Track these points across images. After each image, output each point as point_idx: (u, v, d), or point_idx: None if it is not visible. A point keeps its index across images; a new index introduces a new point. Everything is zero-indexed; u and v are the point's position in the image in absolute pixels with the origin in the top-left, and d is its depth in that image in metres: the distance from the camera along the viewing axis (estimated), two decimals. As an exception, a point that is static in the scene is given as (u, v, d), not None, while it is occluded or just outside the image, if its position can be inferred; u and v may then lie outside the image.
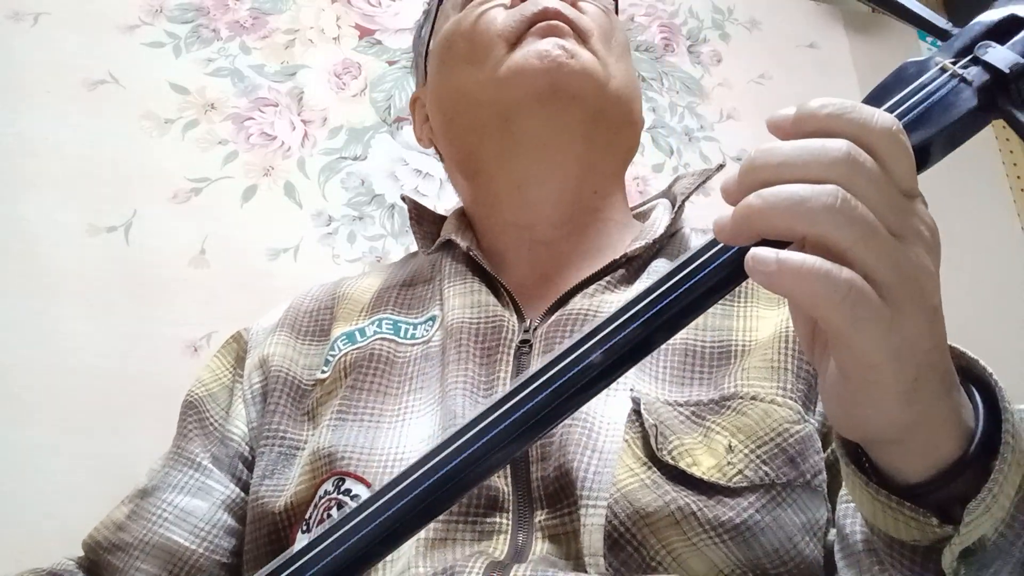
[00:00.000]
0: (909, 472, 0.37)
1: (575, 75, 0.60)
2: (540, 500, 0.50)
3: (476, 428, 0.35)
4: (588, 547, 0.47)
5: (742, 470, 0.49)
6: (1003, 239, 1.59)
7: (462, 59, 0.65)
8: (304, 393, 0.62)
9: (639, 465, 0.49)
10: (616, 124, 0.65)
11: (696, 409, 0.52)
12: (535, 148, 0.63)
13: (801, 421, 0.51)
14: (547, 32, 0.61)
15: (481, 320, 0.59)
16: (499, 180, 0.66)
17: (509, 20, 0.63)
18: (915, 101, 0.36)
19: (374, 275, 0.72)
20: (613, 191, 0.68)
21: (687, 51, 1.53)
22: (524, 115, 0.62)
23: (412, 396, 0.58)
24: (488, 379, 0.56)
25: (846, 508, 0.49)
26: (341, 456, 0.54)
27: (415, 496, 0.35)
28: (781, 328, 0.56)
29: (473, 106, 0.64)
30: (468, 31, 0.64)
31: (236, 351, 0.69)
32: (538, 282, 0.63)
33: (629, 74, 0.67)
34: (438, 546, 0.49)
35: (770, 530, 0.47)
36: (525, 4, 0.63)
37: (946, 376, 0.35)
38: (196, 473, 0.62)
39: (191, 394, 0.67)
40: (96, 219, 1.05)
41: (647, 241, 0.62)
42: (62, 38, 1.12)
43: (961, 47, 0.38)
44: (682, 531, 0.47)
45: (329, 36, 1.29)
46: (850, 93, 1.61)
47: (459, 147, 0.68)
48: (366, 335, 0.63)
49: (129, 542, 0.59)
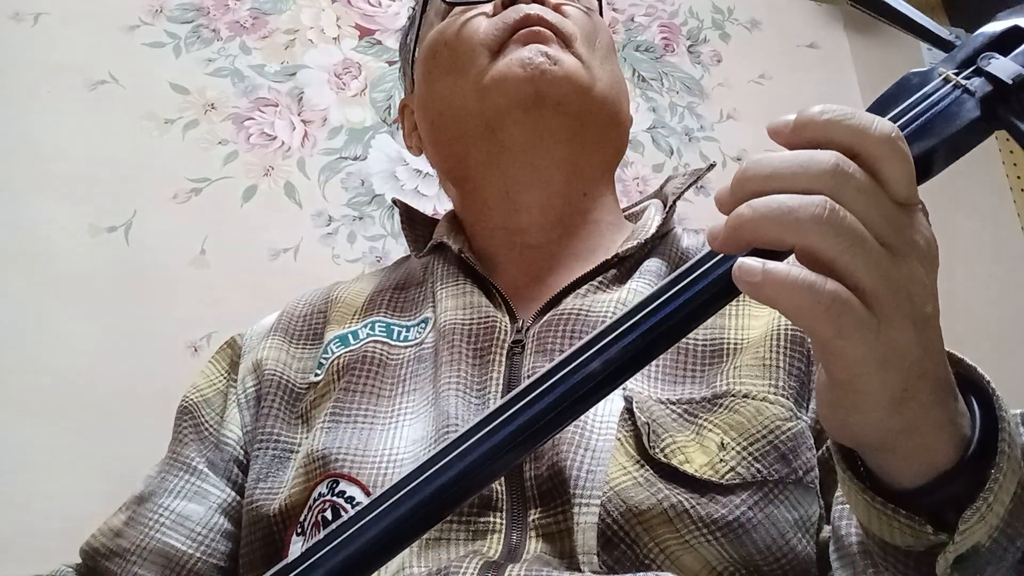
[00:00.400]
0: (902, 478, 0.37)
1: (558, 81, 0.60)
2: (533, 499, 0.50)
3: (476, 436, 0.35)
4: (581, 545, 0.47)
5: (734, 467, 0.49)
6: (1004, 240, 1.59)
7: (446, 69, 0.65)
8: (298, 396, 0.63)
9: (632, 463, 0.50)
10: (602, 126, 0.65)
11: (688, 407, 0.53)
12: (521, 155, 0.63)
13: (793, 418, 0.52)
14: (529, 39, 0.61)
15: (474, 321, 0.59)
16: (487, 187, 0.66)
17: (491, 28, 0.63)
18: (918, 111, 0.37)
19: (367, 279, 0.72)
20: (602, 192, 0.68)
21: (687, 51, 1.53)
22: (509, 123, 0.62)
23: (405, 398, 0.58)
24: (481, 380, 0.56)
25: (841, 509, 0.49)
26: (335, 458, 0.54)
27: (414, 504, 0.35)
28: (773, 326, 0.56)
29: (458, 115, 0.64)
30: (451, 40, 0.64)
31: (230, 356, 0.70)
32: (530, 283, 0.64)
33: (615, 75, 0.67)
34: (432, 546, 0.49)
35: (763, 527, 0.48)
36: (507, 12, 0.63)
37: (940, 384, 0.35)
38: (192, 478, 0.62)
39: (186, 399, 0.67)
40: (96, 219, 1.05)
41: (639, 241, 0.62)
42: (62, 38, 1.12)
43: (964, 58, 0.38)
44: (675, 528, 0.47)
45: (329, 36, 1.29)
46: (850, 93, 1.61)
47: (446, 155, 0.69)
48: (359, 338, 0.63)
49: (127, 548, 0.59)
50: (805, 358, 0.55)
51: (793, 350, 0.55)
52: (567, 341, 0.56)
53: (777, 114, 0.35)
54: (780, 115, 0.35)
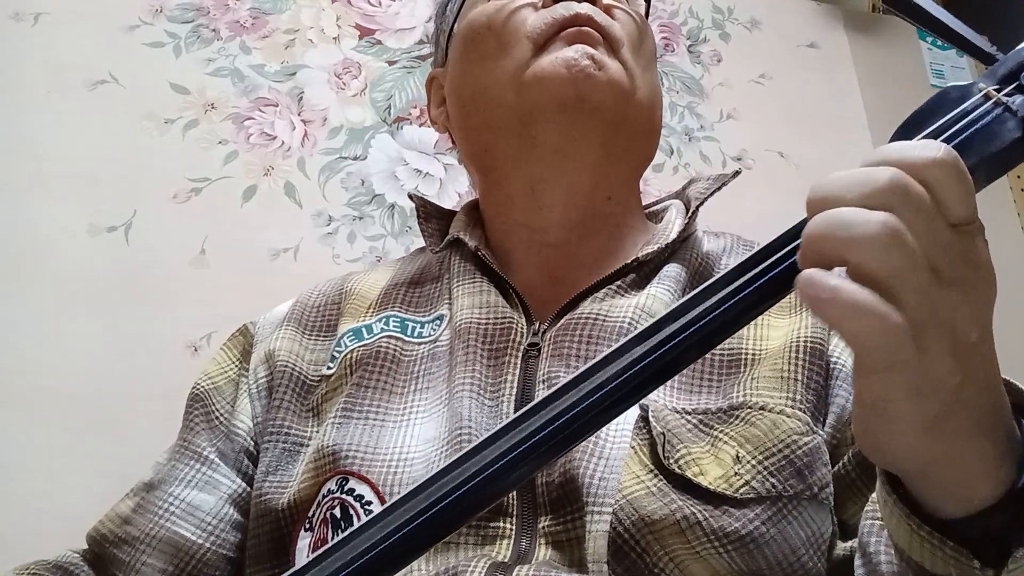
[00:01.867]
0: (942, 507, 0.36)
1: (601, 87, 0.59)
2: (544, 506, 0.50)
3: (494, 445, 0.35)
4: (592, 553, 0.47)
5: (749, 481, 0.48)
6: (1004, 239, 1.59)
7: (487, 55, 0.63)
8: (309, 389, 0.62)
9: (645, 472, 0.49)
10: (636, 133, 0.64)
11: (704, 418, 0.52)
12: (551, 154, 0.62)
13: (810, 432, 0.51)
14: (576, 39, 0.60)
15: (490, 321, 0.59)
16: (512, 180, 0.65)
17: (539, 22, 0.61)
18: (957, 128, 0.35)
19: (382, 270, 0.71)
20: (627, 197, 0.67)
21: (687, 51, 1.53)
22: (544, 121, 0.60)
23: (418, 396, 0.58)
24: (495, 382, 0.56)
25: (871, 526, 0.48)
26: (345, 455, 0.54)
27: (428, 514, 0.34)
28: (793, 337, 0.55)
29: (493, 104, 0.63)
30: (497, 27, 0.63)
31: (242, 344, 0.69)
32: (547, 283, 0.63)
33: (654, 83, 0.66)
34: (441, 550, 0.49)
35: (775, 543, 0.47)
36: (557, 7, 0.61)
37: (985, 413, 0.34)
38: (202, 467, 0.62)
39: (197, 387, 0.66)
40: (96, 219, 1.05)
41: (659, 246, 0.61)
42: (62, 38, 1.13)
43: (1006, 73, 0.37)
44: (686, 539, 0.47)
45: (329, 36, 1.29)
46: (850, 93, 1.61)
47: (474, 140, 0.67)
48: (373, 332, 0.62)
49: (136, 536, 0.59)
50: (824, 371, 0.54)
51: (812, 363, 0.54)
52: (584, 346, 0.55)
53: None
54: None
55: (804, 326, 0.56)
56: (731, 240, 0.67)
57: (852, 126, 1.57)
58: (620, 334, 0.56)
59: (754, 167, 1.43)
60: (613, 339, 0.55)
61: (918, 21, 0.42)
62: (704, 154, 1.44)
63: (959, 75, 1.76)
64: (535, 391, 0.55)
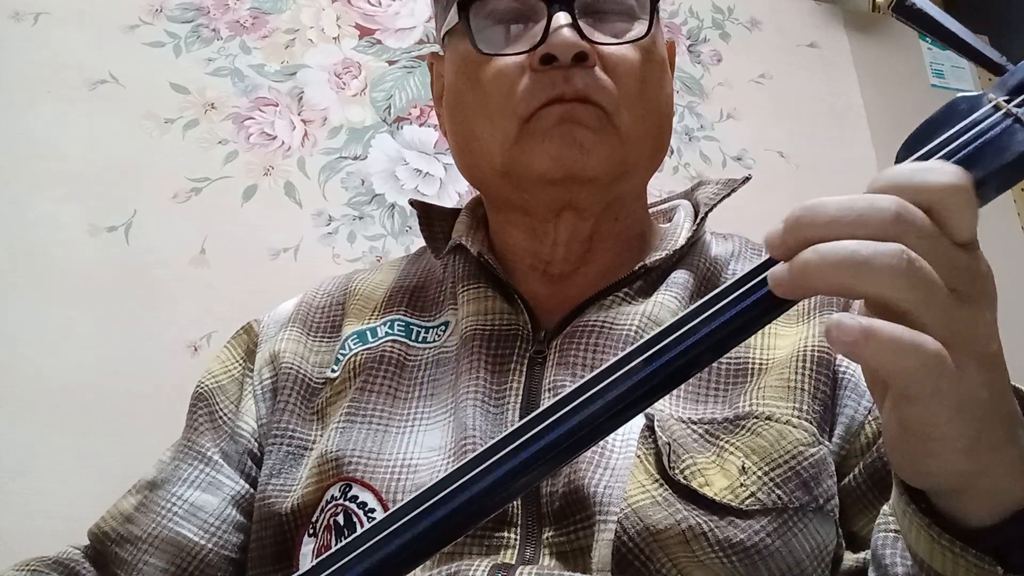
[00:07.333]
0: (972, 517, 0.36)
1: (591, 167, 0.56)
2: (548, 516, 0.50)
3: (498, 454, 0.34)
4: (597, 562, 0.47)
5: (755, 492, 0.48)
6: (1003, 240, 1.59)
7: (474, 108, 0.59)
8: (314, 391, 0.62)
9: (651, 482, 0.49)
10: (640, 171, 0.61)
11: (710, 427, 0.51)
12: (546, 212, 0.59)
13: (816, 443, 0.50)
14: (564, 118, 0.55)
15: (495, 328, 0.58)
16: (510, 218, 0.63)
17: (526, 95, 0.55)
18: (966, 139, 0.35)
19: (386, 270, 0.70)
20: (634, 208, 0.65)
21: (687, 51, 1.53)
22: (535, 190, 0.58)
23: (422, 402, 0.57)
24: (499, 389, 0.55)
25: (885, 537, 0.48)
26: (348, 461, 0.54)
27: (432, 521, 0.34)
28: (800, 347, 0.55)
29: (483, 160, 0.59)
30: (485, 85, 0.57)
31: (247, 343, 0.68)
32: (553, 289, 0.62)
33: (660, 108, 0.61)
34: (445, 560, 0.49)
35: (779, 554, 0.47)
36: (543, 76, 0.55)
37: (1009, 420, 0.35)
38: (206, 467, 0.61)
39: (201, 385, 0.66)
40: (96, 219, 1.05)
41: (667, 252, 0.60)
42: (62, 38, 1.13)
43: (1016, 84, 0.37)
44: (691, 549, 0.47)
45: (329, 36, 1.29)
46: (850, 93, 1.61)
47: (470, 175, 0.64)
48: (377, 335, 0.62)
49: (138, 535, 0.59)
50: (831, 382, 0.54)
51: (819, 373, 0.53)
52: (590, 354, 0.55)
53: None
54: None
55: (811, 335, 0.56)
56: (739, 243, 0.66)
57: (852, 126, 1.57)
58: (627, 342, 0.55)
59: (754, 167, 1.43)
60: (619, 347, 0.55)
61: (929, 31, 0.42)
62: (704, 154, 1.44)
63: (959, 75, 1.76)
64: (540, 399, 0.54)
